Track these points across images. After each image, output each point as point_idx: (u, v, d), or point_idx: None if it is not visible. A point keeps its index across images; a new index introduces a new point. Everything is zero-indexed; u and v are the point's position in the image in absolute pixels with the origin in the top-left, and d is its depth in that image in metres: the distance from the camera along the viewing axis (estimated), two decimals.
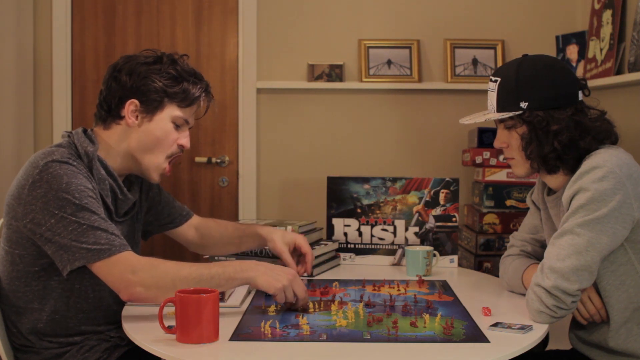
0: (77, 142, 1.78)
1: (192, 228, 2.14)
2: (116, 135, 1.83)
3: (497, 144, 1.83)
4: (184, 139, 1.87)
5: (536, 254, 1.96)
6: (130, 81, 1.79)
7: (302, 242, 2.01)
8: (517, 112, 1.73)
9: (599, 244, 1.61)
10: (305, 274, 2.02)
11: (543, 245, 1.93)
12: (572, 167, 1.73)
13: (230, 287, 1.73)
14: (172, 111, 1.82)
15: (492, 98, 1.79)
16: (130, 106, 1.80)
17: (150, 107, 1.81)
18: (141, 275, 1.65)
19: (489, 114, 1.80)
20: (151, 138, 1.82)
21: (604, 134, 1.73)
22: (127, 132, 1.82)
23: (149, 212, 2.05)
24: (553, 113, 1.71)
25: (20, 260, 1.75)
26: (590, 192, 1.61)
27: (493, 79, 1.79)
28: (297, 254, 2.05)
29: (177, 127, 1.85)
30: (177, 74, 1.82)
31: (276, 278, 1.70)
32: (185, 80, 1.82)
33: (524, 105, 1.73)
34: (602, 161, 1.64)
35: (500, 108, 1.76)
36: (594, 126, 1.72)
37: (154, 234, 2.13)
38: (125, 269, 1.65)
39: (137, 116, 1.81)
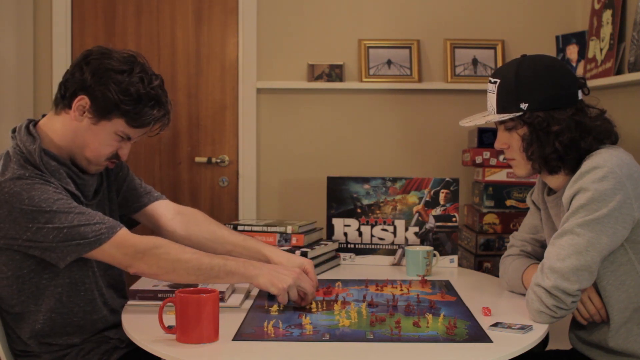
0: (20, 144, 1.74)
1: (170, 211, 2.05)
2: (61, 124, 1.78)
3: (497, 145, 1.82)
4: (122, 150, 1.82)
5: (536, 254, 1.96)
6: (90, 80, 1.74)
7: (310, 268, 1.86)
8: (517, 114, 1.73)
9: (599, 244, 1.61)
10: (306, 305, 1.77)
11: (543, 245, 1.93)
12: (572, 167, 1.73)
13: (230, 282, 1.70)
14: (118, 125, 1.76)
15: (491, 99, 1.78)
16: (80, 102, 1.74)
17: (98, 113, 1.75)
18: (144, 255, 1.67)
19: (489, 116, 1.79)
20: (88, 141, 1.77)
21: (604, 134, 1.73)
22: (70, 123, 1.77)
23: (118, 194, 2.00)
24: (553, 113, 1.71)
25: (7, 267, 1.73)
26: (590, 192, 1.61)
27: (492, 80, 1.78)
28: None
29: (121, 138, 1.79)
30: (137, 95, 1.74)
31: (280, 278, 1.70)
32: (143, 104, 1.75)
33: (524, 106, 1.72)
34: (602, 161, 1.64)
35: (500, 109, 1.76)
36: (594, 126, 1.72)
37: (129, 218, 2.05)
38: (127, 250, 1.67)
39: (83, 113, 1.75)
